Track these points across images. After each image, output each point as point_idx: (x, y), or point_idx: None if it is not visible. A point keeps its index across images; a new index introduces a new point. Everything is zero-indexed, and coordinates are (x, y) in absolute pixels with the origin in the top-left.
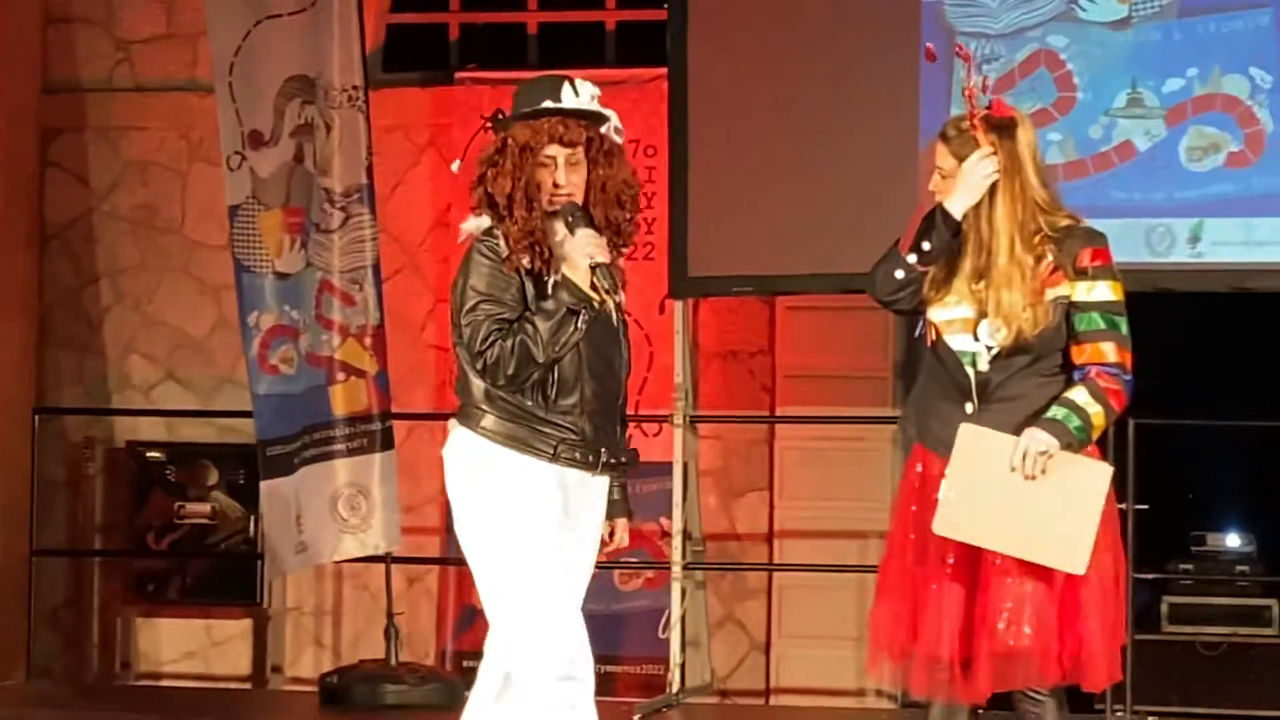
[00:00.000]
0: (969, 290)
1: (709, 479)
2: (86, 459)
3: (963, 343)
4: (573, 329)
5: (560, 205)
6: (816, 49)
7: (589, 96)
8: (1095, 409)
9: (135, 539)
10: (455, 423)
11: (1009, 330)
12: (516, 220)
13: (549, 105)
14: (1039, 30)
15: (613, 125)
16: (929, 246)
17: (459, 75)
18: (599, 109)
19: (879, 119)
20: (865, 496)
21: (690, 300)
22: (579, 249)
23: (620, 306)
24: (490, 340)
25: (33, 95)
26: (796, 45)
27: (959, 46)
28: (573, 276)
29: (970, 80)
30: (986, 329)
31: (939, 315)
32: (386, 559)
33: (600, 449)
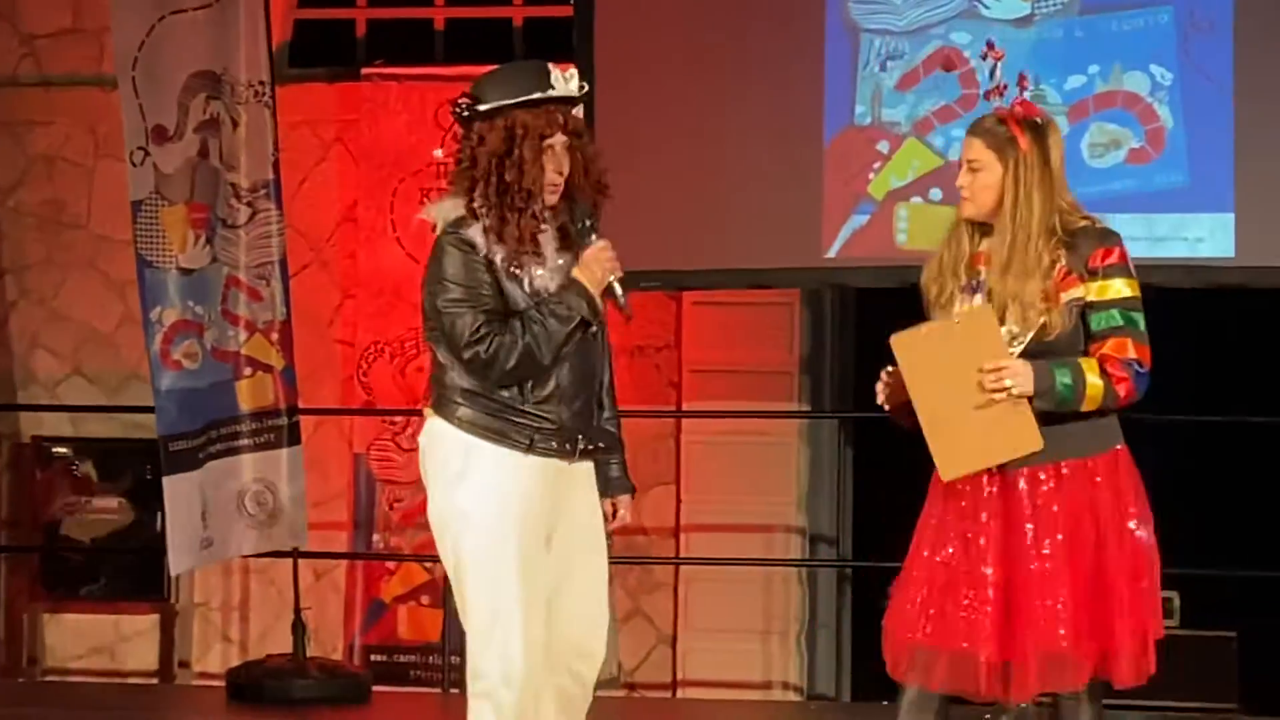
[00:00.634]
0: (994, 281)
1: None
2: None
3: None
4: (580, 338)
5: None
6: (722, 45)
7: (576, 82)
8: (1094, 381)
9: (41, 534)
10: (431, 411)
11: (1030, 321)
12: (528, 211)
13: (554, 94)
14: (942, 27)
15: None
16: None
17: (366, 71)
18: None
19: (784, 115)
20: (771, 490)
21: None
22: (599, 260)
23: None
24: (481, 334)
25: None
26: (702, 41)
27: (990, 44)
28: (586, 282)
29: (996, 79)
30: (1011, 317)
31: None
32: (294, 554)
33: (577, 435)
